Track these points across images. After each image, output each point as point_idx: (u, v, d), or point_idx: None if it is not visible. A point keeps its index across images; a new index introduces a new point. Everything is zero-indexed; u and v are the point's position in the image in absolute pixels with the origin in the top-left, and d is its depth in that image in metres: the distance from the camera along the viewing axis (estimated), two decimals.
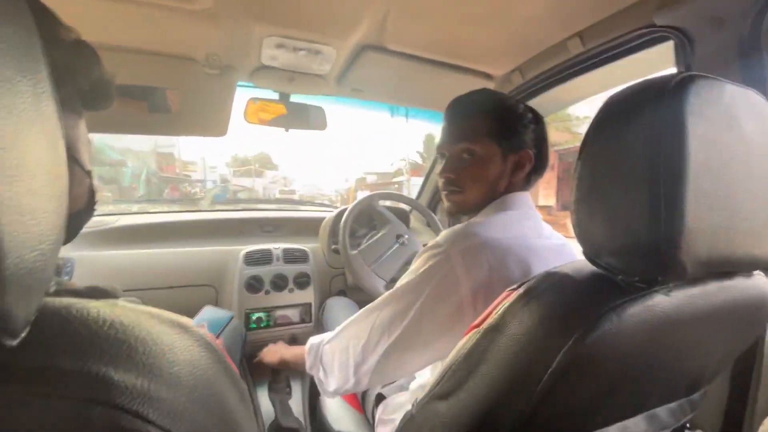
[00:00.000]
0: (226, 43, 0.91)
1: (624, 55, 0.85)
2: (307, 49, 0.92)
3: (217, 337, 0.88)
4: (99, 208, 1.43)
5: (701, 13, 0.68)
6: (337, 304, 1.35)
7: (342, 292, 1.50)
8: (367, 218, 1.69)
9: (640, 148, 0.36)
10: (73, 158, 0.38)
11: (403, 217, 1.73)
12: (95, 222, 1.42)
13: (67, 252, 1.24)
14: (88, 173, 0.41)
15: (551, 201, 11.75)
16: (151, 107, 0.99)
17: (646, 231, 0.36)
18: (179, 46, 0.91)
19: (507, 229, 0.62)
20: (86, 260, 1.24)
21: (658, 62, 0.84)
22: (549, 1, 0.77)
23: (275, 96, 1.16)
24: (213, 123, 1.07)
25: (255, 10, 0.80)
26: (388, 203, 1.71)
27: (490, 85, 1.11)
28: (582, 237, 0.43)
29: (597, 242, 0.41)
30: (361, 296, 1.28)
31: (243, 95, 1.12)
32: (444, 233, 0.62)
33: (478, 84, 1.03)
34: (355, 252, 1.26)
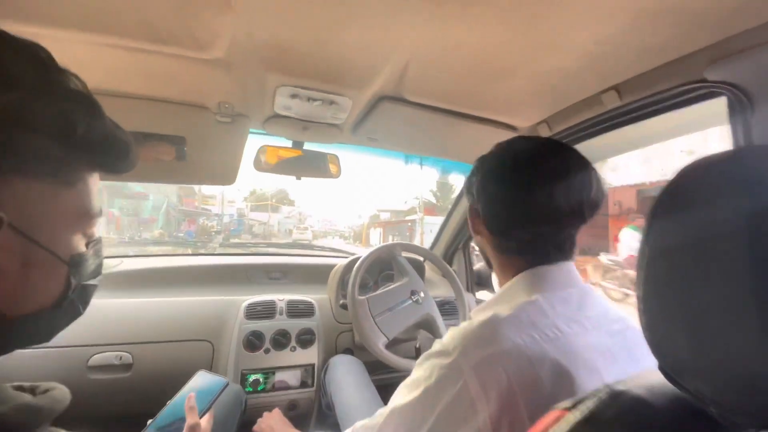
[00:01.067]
0: (238, 92, 0.88)
1: (667, 110, 0.78)
2: (321, 99, 0.87)
3: (209, 408, 0.77)
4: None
5: (762, 68, 0.61)
6: (341, 364, 1.22)
7: (349, 351, 1.37)
8: (379, 269, 1.59)
9: (740, 230, 0.26)
10: (29, 240, 0.30)
11: (419, 268, 1.62)
12: None
13: None
14: (70, 262, 0.34)
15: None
16: (164, 155, 0.96)
17: (751, 349, 0.25)
18: (191, 94, 0.89)
19: (538, 325, 0.49)
20: None
21: (708, 117, 0.76)
22: (583, 52, 0.71)
23: (288, 143, 1.12)
24: (222, 171, 1.03)
25: (268, 61, 0.76)
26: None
27: None
28: (655, 346, 0.32)
29: (677, 356, 0.30)
30: (369, 356, 1.16)
31: (254, 142, 1.09)
32: (454, 333, 0.51)
33: (501, 136, 0.96)
34: (362, 298, 1.15)
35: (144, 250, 1.78)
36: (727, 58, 0.62)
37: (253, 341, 1.21)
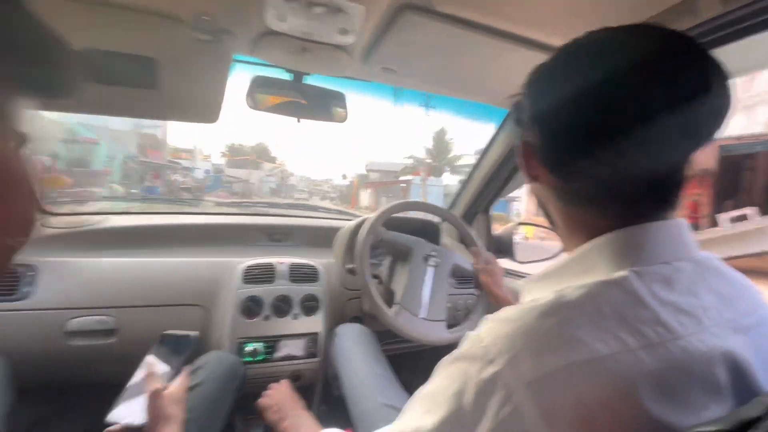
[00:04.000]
0: None
1: None
2: (326, 5, 0.67)
3: (178, 370, 0.69)
4: (84, 207, 1.21)
5: None
6: (349, 333, 1.10)
7: (357, 319, 1.24)
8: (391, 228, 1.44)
9: None
10: None
11: (431, 230, 1.46)
12: (75, 221, 1.22)
13: (31, 256, 1.03)
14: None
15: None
16: (131, 82, 0.77)
17: None
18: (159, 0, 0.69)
19: (629, 320, 0.32)
20: (56, 267, 1.04)
21: None
22: None
23: (286, 77, 0.93)
24: (202, 105, 0.84)
25: None
26: (412, 214, 1.45)
27: None
28: None
29: None
30: (379, 325, 1.03)
31: (244, 75, 0.89)
32: (497, 328, 0.34)
33: None
34: (382, 304, 0.99)
35: (136, 208, 1.63)
36: None
37: (251, 307, 1.09)
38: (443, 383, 0.35)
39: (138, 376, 0.66)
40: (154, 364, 0.64)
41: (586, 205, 0.40)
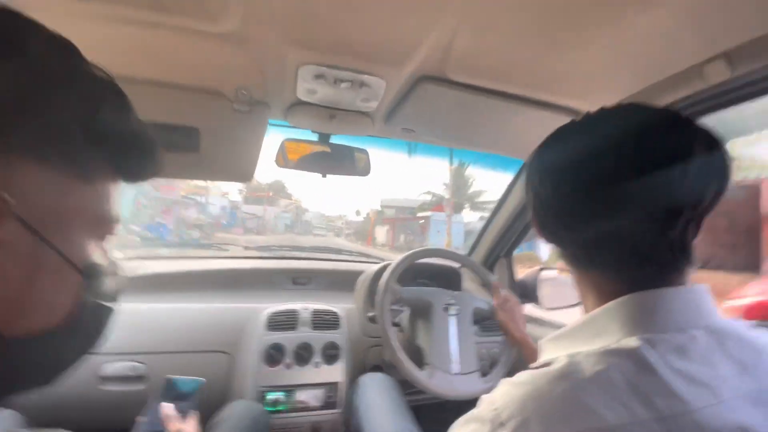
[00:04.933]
0: (256, 74, 0.77)
1: None
2: (351, 80, 0.75)
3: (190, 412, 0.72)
4: (121, 253, 1.28)
5: None
6: (372, 383, 1.08)
7: (378, 368, 1.23)
8: (411, 275, 1.45)
9: None
10: (37, 237, 0.26)
11: (452, 276, 1.46)
12: None
13: None
14: (83, 270, 0.29)
15: None
16: (173, 146, 0.86)
17: None
18: (204, 77, 0.78)
19: (641, 391, 0.31)
20: None
21: None
22: (686, 6, 0.54)
23: (313, 137, 1.01)
24: (239, 166, 0.92)
25: (288, 33, 0.64)
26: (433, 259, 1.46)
27: None
28: None
29: None
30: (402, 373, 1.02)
31: (276, 138, 0.97)
32: (510, 392, 0.35)
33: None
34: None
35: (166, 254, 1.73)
36: None
37: (274, 355, 1.10)
38: None
39: (147, 416, 0.68)
40: (165, 406, 0.67)
41: (593, 269, 0.40)
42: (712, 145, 0.36)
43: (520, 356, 1.03)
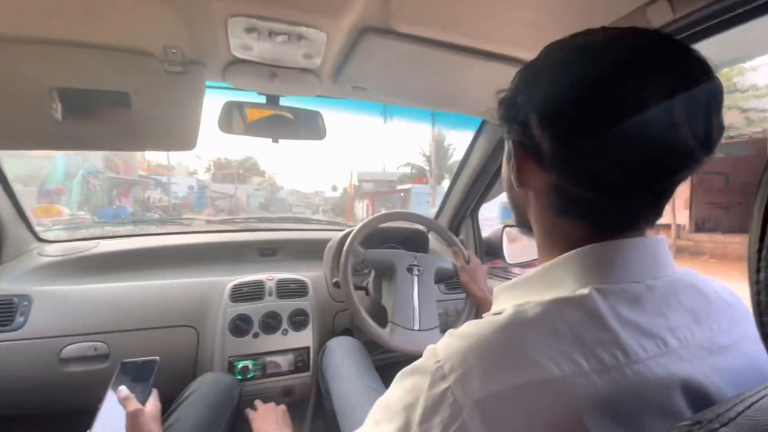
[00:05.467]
0: (185, 31, 0.70)
1: (739, 23, 0.58)
2: (287, 33, 0.69)
3: (149, 392, 0.72)
4: (77, 232, 1.23)
5: None
6: (340, 346, 1.11)
7: (348, 331, 1.26)
8: (380, 240, 1.45)
9: None
10: None
11: (420, 238, 1.47)
12: (69, 248, 1.25)
13: (25, 286, 1.06)
14: None
15: (683, 218, 7.97)
16: (101, 114, 0.80)
17: None
18: (128, 35, 0.71)
19: (586, 341, 0.31)
20: (49, 295, 1.06)
21: None
22: None
23: (261, 100, 0.95)
24: (178, 134, 0.86)
25: None
26: (401, 224, 1.46)
27: None
28: None
29: None
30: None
31: (219, 99, 0.91)
32: (453, 343, 0.34)
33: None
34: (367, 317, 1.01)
35: (129, 231, 1.66)
36: None
37: (240, 325, 1.10)
38: (397, 395, 0.36)
39: (106, 402, 0.68)
40: (123, 389, 0.66)
41: (571, 216, 0.38)
42: (711, 77, 0.33)
43: (481, 313, 1.07)
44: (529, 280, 0.40)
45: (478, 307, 1.09)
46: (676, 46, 0.33)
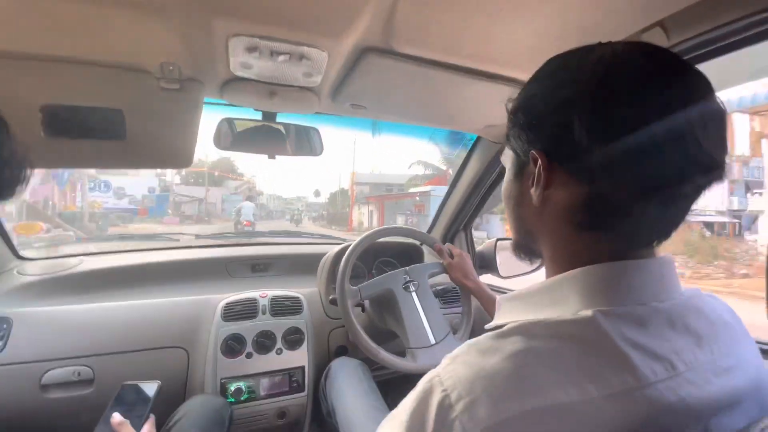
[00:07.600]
0: (183, 48, 0.69)
1: (732, 50, 0.61)
2: (289, 53, 0.69)
3: (147, 416, 0.69)
4: (59, 249, 1.19)
5: None
6: (343, 368, 1.09)
7: (342, 349, 1.23)
8: (374, 256, 1.44)
9: None
10: None
11: (414, 252, 1.47)
12: (51, 266, 1.20)
13: (3, 308, 1.01)
14: None
15: None
16: (94, 131, 0.77)
17: None
18: (125, 53, 0.69)
19: (591, 367, 0.31)
20: (30, 317, 1.01)
21: None
22: None
23: (257, 116, 0.94)
24: (175, 151, 0.84)
25: (211, 0, 0.57)
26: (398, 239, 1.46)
27: None
28: None
29: None
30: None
31: (215, 116, 0.90)
32: (460, 371, 0.33)
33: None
34: (354, 288, 1.03)
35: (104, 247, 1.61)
36: None
37: (233, 345, 1.07)
38: (406, 413, 0.35)
39: (101, 425, 0.64)
40: (117, 416, 0.63)
41: (592, 231, 0.36)
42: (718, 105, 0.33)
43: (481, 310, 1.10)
44: (534, 294, 0.39)
45: (475, 298, 1.10)
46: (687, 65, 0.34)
